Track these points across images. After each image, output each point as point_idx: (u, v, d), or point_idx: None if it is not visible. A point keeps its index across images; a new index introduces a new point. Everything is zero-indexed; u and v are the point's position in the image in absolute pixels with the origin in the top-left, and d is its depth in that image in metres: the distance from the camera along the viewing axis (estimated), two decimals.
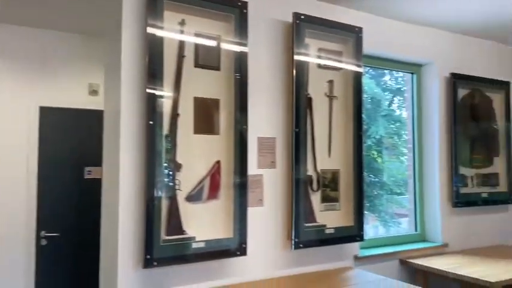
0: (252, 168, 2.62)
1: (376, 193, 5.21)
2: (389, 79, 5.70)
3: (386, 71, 4.81)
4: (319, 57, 2.88)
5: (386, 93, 5.73)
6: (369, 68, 3.69)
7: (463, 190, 3.64)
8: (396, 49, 3.42)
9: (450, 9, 3.20)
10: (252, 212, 2.59)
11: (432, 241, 3.56)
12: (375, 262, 3.13)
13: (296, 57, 2.73)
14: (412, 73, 3.72)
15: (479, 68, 3.84)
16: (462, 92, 3.69)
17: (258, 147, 2.68)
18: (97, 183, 2.83)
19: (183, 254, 2.27)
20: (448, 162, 3.60)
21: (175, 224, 2.27)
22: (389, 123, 5.42)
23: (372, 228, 5.10)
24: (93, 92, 3.88)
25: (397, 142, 5.20)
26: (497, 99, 3.90)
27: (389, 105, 5.80)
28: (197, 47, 2.44)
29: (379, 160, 5.31)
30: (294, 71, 2.72)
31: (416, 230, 3.66)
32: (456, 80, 3.62)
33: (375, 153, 5.29)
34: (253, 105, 2.63)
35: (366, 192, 4.70)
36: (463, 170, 3.68)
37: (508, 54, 4.11)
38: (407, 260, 3.21)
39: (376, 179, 5.25)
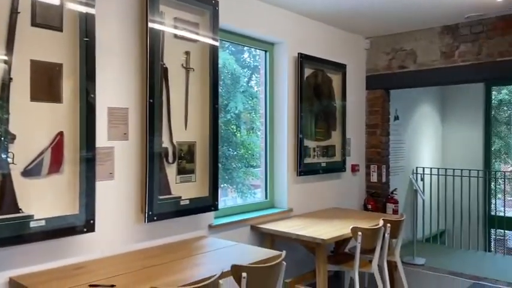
0: (102, 140, 2.47)
1: (234, 166, 5.44)
2: (248, 56, 5.92)
3: (245, 48, 4.98)
4: (175, 27, 2.83)
5: (245, 70, 5.94)
6: (228, 44, 3.76)
7: (307, 160, 4.06)
8: (251, 26, 3.55)
9: None
10: (102, 186, 2.46)
11: (279, 207, 3.91)
12: (228, 229, 3.30)
13: (150, 24, 2.62)
14: (265, 51, 3.93)
15: (322, 50, 4.26)
16: (308, 72, 4.06)
17: (108, 118, 2.53)
18: None
19: (19, 234, 2.04)
20: (295, 135, 3.96)
21: (8, 202, 2.02)
22: (247, 99, 5.66)
23: (231, 199, 5.34)
24: None
25: (254, 117, 5.48)
26: (335, 80, 4.40)
27: (248, 81, 6.05)
28: (34, 3, 2.15)
29: (238, 135, 5.53)
30: (148, 39, 2.62)
31: (266, 198, 3.97)
32: (303, 59, 3.96)
33: (234, 127, 5.50)
34: (102, 72, 2.46)
35: (225, 166, 4.86)
36: (307, 142, 4.09)
37: (346, 39, 4.64)
38: (257, 225, 3.47)
39: (235, 153, 5.48)
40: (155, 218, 2.65)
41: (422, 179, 5.90)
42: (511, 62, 3.91)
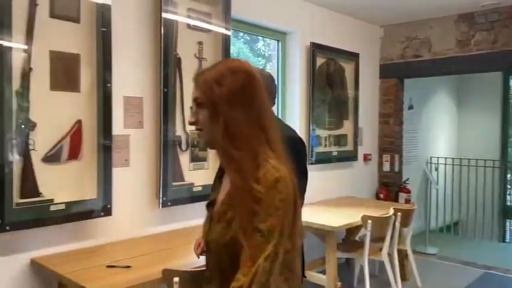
0: (118, 128, 2.56)
1: None
2: (263, 45, 5.92)
3: (260, 38, 5.01)
4: (188, 17, 2.87)
5: (259, 59, 5.96)
6: (243, 33, 3.79)
7: (318, 149, 4.09)
8: (264, 16, 3.58)
9: None
10: (118, 173, 2.55)
11: None
12: None
13: (164, 14, 2.68)
14: (277, 40, 3.95)
15: (335, 39, 4.25)
16: (320, 61, 4.07)
17: (124, 107, 2.61)
18: None
19: (40, 217, 2.15)
20: (307, 124, 3.98)
21: (30, 186, 2.13)
22: None
23: None
24: None
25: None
26: (348, 69, 4.39)
27: None
28: None
29: None
30: (162, 29, 2.68)
31: None
32: (315, 49, 3.97)
33: None
34: (118, 62, 2.53)
35: None
36: (319, 132, 4.12)
37: (359, 28, 4.62)
38: None
39: None
40: (169, 203, 2.74)
41: (436, 169, 5.87)
42: None
